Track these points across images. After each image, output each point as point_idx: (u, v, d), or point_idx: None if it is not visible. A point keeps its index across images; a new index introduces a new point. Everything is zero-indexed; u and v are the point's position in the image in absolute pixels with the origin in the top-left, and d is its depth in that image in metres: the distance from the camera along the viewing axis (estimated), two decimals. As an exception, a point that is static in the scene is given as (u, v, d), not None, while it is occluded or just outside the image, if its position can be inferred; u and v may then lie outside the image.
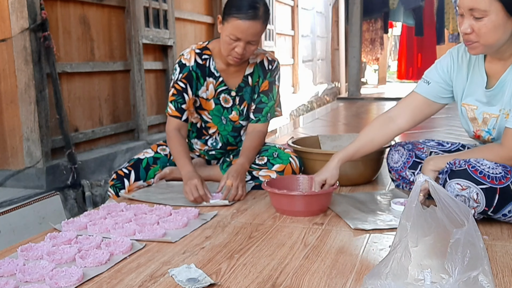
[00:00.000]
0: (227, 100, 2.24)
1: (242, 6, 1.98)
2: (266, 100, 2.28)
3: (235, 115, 2.28)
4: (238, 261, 1.41)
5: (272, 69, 2.29)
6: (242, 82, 2.25)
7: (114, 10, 3.67)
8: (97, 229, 1.66)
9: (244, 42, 2.02)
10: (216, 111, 2.26)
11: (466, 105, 1.81)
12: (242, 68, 2.25)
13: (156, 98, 4.29)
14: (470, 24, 1.57)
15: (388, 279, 1.04)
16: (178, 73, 2.19)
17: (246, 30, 1.99)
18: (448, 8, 10.27)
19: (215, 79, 2.22)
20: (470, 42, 1.61)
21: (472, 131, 1.83)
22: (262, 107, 2.28)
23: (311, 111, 7.99)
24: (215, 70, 2.21)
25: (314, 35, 9.21)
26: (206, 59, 2.21)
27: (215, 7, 5.18)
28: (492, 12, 1.52)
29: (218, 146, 2.34)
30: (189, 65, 2.18)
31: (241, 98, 2.26)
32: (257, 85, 2.27)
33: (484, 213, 1.60)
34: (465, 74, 1.80)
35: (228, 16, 2.01)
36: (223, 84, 2.23)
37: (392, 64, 16.96)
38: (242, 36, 2.00)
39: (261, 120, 2.28)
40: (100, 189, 3.19)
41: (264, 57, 2.28)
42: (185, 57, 2.20)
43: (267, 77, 2.27)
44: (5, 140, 2.94)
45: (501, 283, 1.24)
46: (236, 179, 2.02)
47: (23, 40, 2.80)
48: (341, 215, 1.79)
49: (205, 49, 2.23)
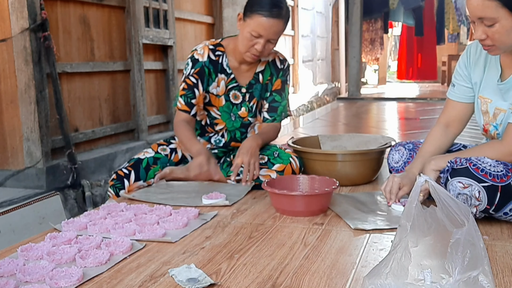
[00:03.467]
0: (237, 96, 2.25)
1: (267, 3, 2.02)
2: (280, 99, 2.30)
3: (244, 112, 2.29)
4: (238, 261, 1.41)
5: (284, 68, 2.32)
6: (253, 79, 2.27)
7: (114, 10, 3.67)
8: (97, 229, 1.66)
9: (265, 39, 2.05)
10: (226, 107, 2.27)
11: (481, 98, 1.82)
12: (254, 66, 2.27)
13: (156, 98, 4.29)
14: (483, 31, 1.58)
15: (388, 279, 1.04)
16: (190, 68, 2.20)
17: (269, 28, 2.02)
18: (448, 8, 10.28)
19: (226, 75, 2.24)
20: (487, 46, 1.63)
21: (482, 124, 1.84)
22: (276, 106, 2.30)
23: (311, 111, 7.99)
24: (228, 67, 2.23)
25: (314, 35, 9.20)
26: (219, 55, 2.22)
27: (215, 7, 5.18)
28: (501, 18, 1.53)
29: (222, 144, 2.34)
30: (202, 60, 2.19)
31: (251, 95, 2.28)
32: (269, 82, 2.29)
33: (486, 211, 1.60)
34: (482, 66, 1.82)
35: (251, 13, 2.04)
36: (234, 81, 2.25)
37: (392, 64, 16.96)
38: (264, 33, 2.03)
39: (276, 119, 2.32)
40: (100, 189, 3.19)
41: (276, 56, 2.31)
42: (199, 52, 2.21)
43: (280, 76, 2.30)
44: (5, 140, 2.94)
45: (501, 283, 1.24)
46: (247, 155, 2.02)
47: (23, 40, 2.80)
48: (341, 215, 1.79)
49: (219, 45, 2.24)
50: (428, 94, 9.78)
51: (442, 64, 11.89)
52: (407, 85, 12.60)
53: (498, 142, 1.71)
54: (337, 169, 2.22)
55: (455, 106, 1.92)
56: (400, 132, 5.38)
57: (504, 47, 1.61)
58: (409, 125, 6.03)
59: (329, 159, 2.24)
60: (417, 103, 8.31)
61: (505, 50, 1.65)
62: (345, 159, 2.23)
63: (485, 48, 1.65)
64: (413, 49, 12.33)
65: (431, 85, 12.30)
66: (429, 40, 11.34)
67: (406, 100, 8.79)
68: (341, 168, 2.23)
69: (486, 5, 1.53)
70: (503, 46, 1.61)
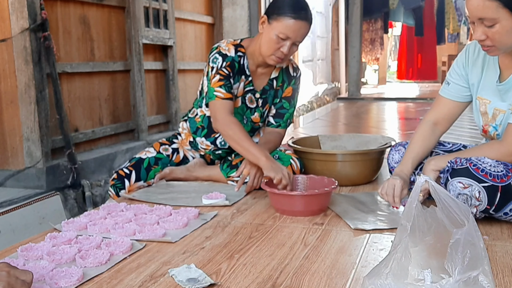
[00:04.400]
0: (252, 100, 2.24)
1: (294, 6, 1.99)
2: (288, 106, 2.29)
3: (257, 117, 2.27)
4: (238, 261, 1.41)
5: (297, 77, 2.31)
6: (267, 85, 2.26)
7: (114, 10, 3.67)
8: (97, 229, 1.66)
9: (292, 42, 2.02)
10: (240, 109, 2.24)
11: (480, 99, 1.82)
12: (269, 71, 2.25)
13: (156, 98, 4.29)
14: (483, 31, 1.58)
15: (388, 279, 1.04)
16: (222, 61, 2.11)
17: (297, 30, 2.00)
18: (449, 8, 10.28)
19: (246, 77, 2.21)
20: (486, 47, 1.62)
21: (481, 125, 1.84)
22: (283, 113, 2.29)
23: (311, 111, 7.99)
24: (247, 69, 2.20)
25: (314, 35, 9.20)
26: (241, 56, 2.18)
27: (215, 7, 5.18)
28: (501, 18, 1.53)
29: (227, 145, 2.30)
30: (231, 55, 2.14)
31: (264, 101, 2.26)
32: (280, 89, 2.28)
33: (486, 211, 1.60)
34: (480, 67, 1.81)
35: (278, 15, 2.00)
36: (251, 84, 2.23)
37: (392, 64, 16.96)
38: (292, 35, 2.00)
39: (281, 125, 2.30)
40: (100, 189, 3.19)
41: (290, 63, 2.31)
42: (224, 48, 2.15)
43: (292, 84, 2.29)
44: (5, 140, 2.94)
45: (501, 283, 1.24)
46: (254, 168, 2.01)
47: (23, 40, 2.80)
48: (341, 215, 1.79)
49: (240, 46, 2.19)
50: (428, 94, 9.78)
51: (442, 64, 11.90)
52: (407, 85, 12.60)
53: (498, 142, 1.71)
54: (337, 169, 2.22)
55: (446, 104, 1.91)
56: (400, 132, 5.39)
57: (503, 47, 1.61)
58: (409, 125, 6.03)
59: (329, 159, 2.24)
60: (417, 103, 8.32)
61: (504, 51, 1.65)
62: (345, 159, 2.23)
63: (484, 48, 1.64)
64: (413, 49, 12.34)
65: (431, 85, 12.30)
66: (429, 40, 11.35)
67: (406, 100, 8.80)
68: (341, 168, 2.23)
69: (486, 6, 1.52)
70: (503, 46, 1.60)
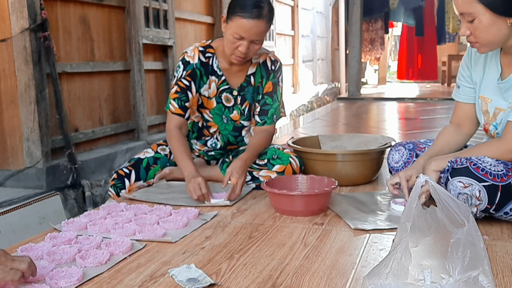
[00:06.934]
0: (229, 99, 2.24)
1: (246, 5, 1.98)
2: (271, 101, 2.27)
3: (236, 115, 2.27)
4: (238, 261, 1.41)
5: (275, 70, 2.29)
6: (245, 82, 2.25)
7: (114, 10, 3.67)
8: (97, 229, 1.66)
9: (248, 41, 2.02)
10: (218, 109, 2.25)
11: (482, 98, 1.83)
12: (245, 67, 2.24)
13: (156, 98, 4.29)
14: (466, 27, 1.64)
15: (388, 279, 1.04)
16: (182, 70, 2.18)
17: (250, 29, 1.99)
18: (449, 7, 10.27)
19: (217, 77, 2.22)
20: (472, 43, 1.67)
21: (482, 124, 1.86)
22: (267, 109, 2.28)
23: (311, 111, 7.98)
24: (218, 68, 2.21)
25: (314, 35, 9.21)
26: (209, 57, 2.20)
27: (215, 7, 5.18)
28: (478, 13, 1.59)
29: (218, 146, 2.33)
30: (193, 62, 2.18)
31: (242, 98, 2.26)
32: (260, 85, 2.27)
33: (486, 211, 1.61)
34: (482, 66, 1.83)
35: (232, 15, 2.01)
36: (225, 83, 2.23)
37: (392, 64, 16.96)
38: (246, 35, 2.00)
39: (267, 122, 2.28)
40: (100, 189, 3.19)
41: (267, 57, 2.28)
42: (189, 55, 2.19)
43: (271, 78, 2.27)
44: (5, 140, 2.94)
45: (501, 283, 1.24)
46: (241, 177, 2.02)
47: (23, 40, 2.80)
48: (341, 215, 1.79)
49: (209, 47, 2.22)
50: (428, 94, 9.77)
51: (442, 64, 11.89)
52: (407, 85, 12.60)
53: (497, 140, 1.72)
54: (337, 169, 2.22)
55: (462, 107, 1.93)
56: (400, 132, 5.38)
57: (486, 43, 1.64)
58: (409, 125, 6.03)
59: (329, 159, 2.24)
60: (417, 103, 8.31)
61: (490, 48, 1.68)
62: (345, 159, 2.24)
63: (472, 45, 1.69)
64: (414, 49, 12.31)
65: (431, 85, 12.30)
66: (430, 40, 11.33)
67: (406, 100, 8.79)
68: (341, 168, 2.23)
69: (464, 1, 1.60)
70: (485, 42, 1.64)
